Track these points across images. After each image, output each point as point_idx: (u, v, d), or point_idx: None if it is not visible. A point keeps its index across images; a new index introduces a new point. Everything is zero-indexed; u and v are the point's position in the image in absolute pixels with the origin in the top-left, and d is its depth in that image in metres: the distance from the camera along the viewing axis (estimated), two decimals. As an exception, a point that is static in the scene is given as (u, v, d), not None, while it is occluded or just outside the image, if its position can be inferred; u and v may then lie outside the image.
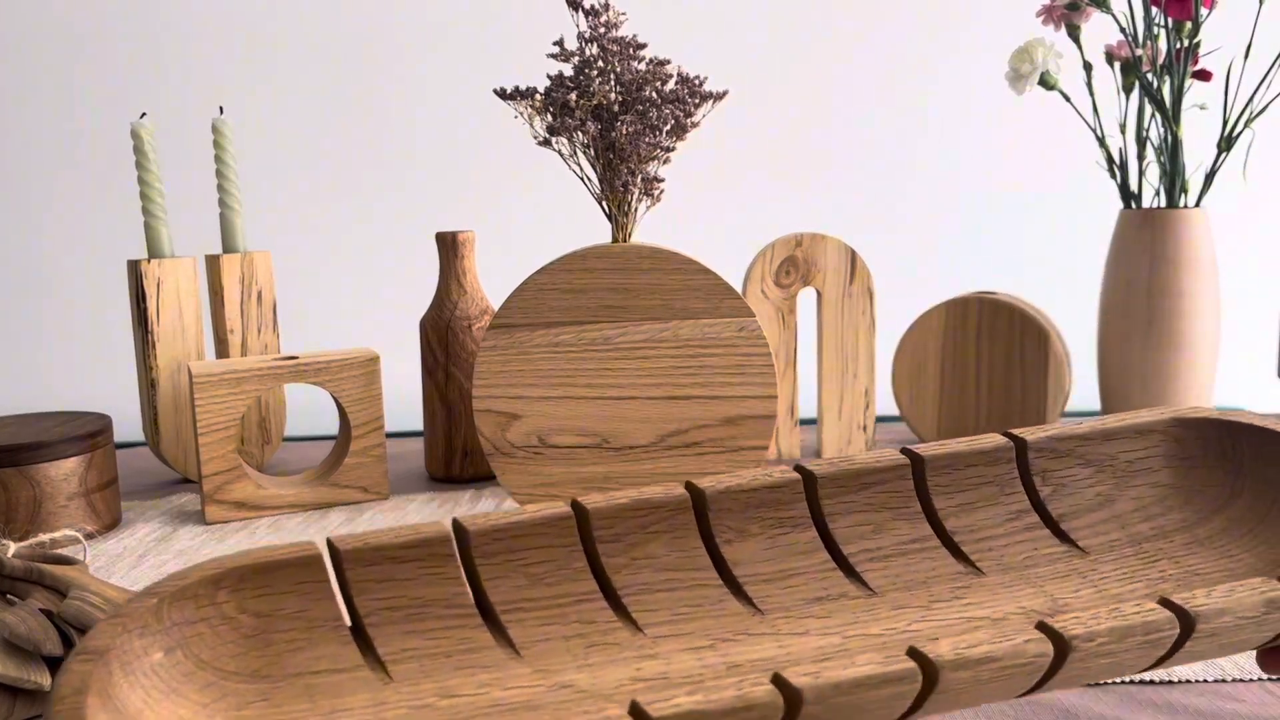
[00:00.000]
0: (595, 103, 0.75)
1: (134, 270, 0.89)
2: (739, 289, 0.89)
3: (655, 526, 0.41)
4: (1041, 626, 0.34)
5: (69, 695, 0.31)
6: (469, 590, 0.39)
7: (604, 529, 0.40)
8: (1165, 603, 0.35)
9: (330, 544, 0.38)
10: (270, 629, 0.37)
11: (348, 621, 0.38)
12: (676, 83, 0.77)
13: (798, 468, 0.43)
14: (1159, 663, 0.37)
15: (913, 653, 0.32)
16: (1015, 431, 0.46)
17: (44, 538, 0.68)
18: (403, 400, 1.07)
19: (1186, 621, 0.35)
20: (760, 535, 0.42)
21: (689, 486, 0.41)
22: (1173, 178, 0.92)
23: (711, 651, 0.39)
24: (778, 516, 0.42)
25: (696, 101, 0.77)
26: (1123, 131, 0.95)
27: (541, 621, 0.39)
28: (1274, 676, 0.42)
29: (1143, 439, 0.47)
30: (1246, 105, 0.90)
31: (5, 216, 1.37)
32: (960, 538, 0.44)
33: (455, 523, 0.39)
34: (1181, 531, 0.46)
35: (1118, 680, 0.53)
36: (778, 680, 0.31)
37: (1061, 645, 0.34)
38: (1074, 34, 0.96)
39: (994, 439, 0.45)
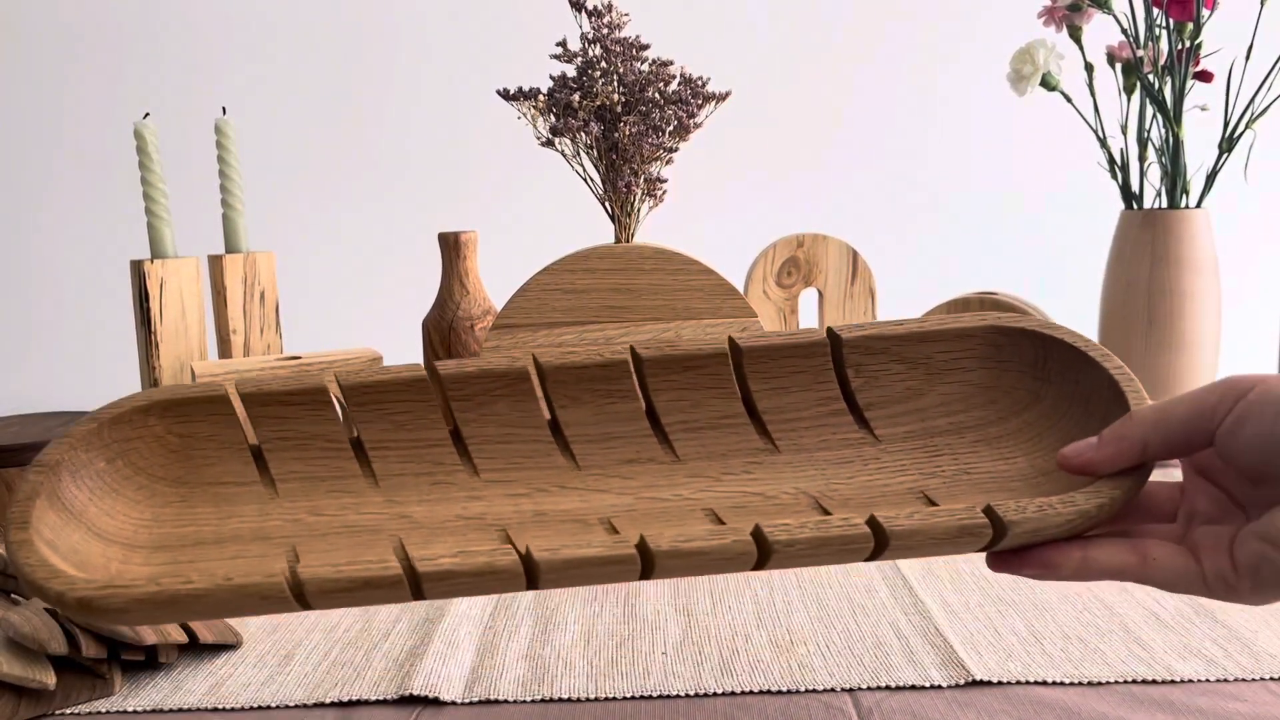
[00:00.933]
0: (598, 103, 0.76)
1: (137, 270, 0.90)
2: (741, 289, 0.89)
3: (500, 390, 0.48)
4: (755, 532, 0.39)
5: (22, 500, 0.40)
6: (343, 428, 0.47)
7: (456, 390, 0.47)
8: (869, 521, 0.39)
9: (235, 385, 0.46)
10: (190, 446, 0.46)
11: (251, 442, 0.47)
12: (679, 84, 0.77)
13: (631, 349, 0.48)
14: (868, 559, 0.41)
15: (640, 544, 0.38)
16: (835, 328, 0.49)
17: (48, 537, 0.68)
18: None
19: (881, 538, 0.39)
20: (591, 403, 0.48)
21: (534, 359, 0.48)
22: (1174, 178, 0.92)
23: (527, 500, 0.46)
24: (608, 389, 0.48)
25: (699, 102, 0.77)
26: (1124, 132, 0.95)
27: (400, 459, 0.47)
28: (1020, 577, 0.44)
29: (960, 341, 0.49)
30: (1248, 106, 0.90)
31: (8, 216, 1.37)
32: (769, 417, 0.49)
33: (336, 375, 0.47)
34: (975, 429, 0.49)
35: (1118, 680, 0.53)
36: (525, 556, 0.38)
37: (765, 548, 0.39)
38: (1075, 35, 0.96)
39: (813, 334, 0.49)
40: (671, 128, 0.76)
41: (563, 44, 0.77)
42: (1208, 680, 0.53)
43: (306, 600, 0.38)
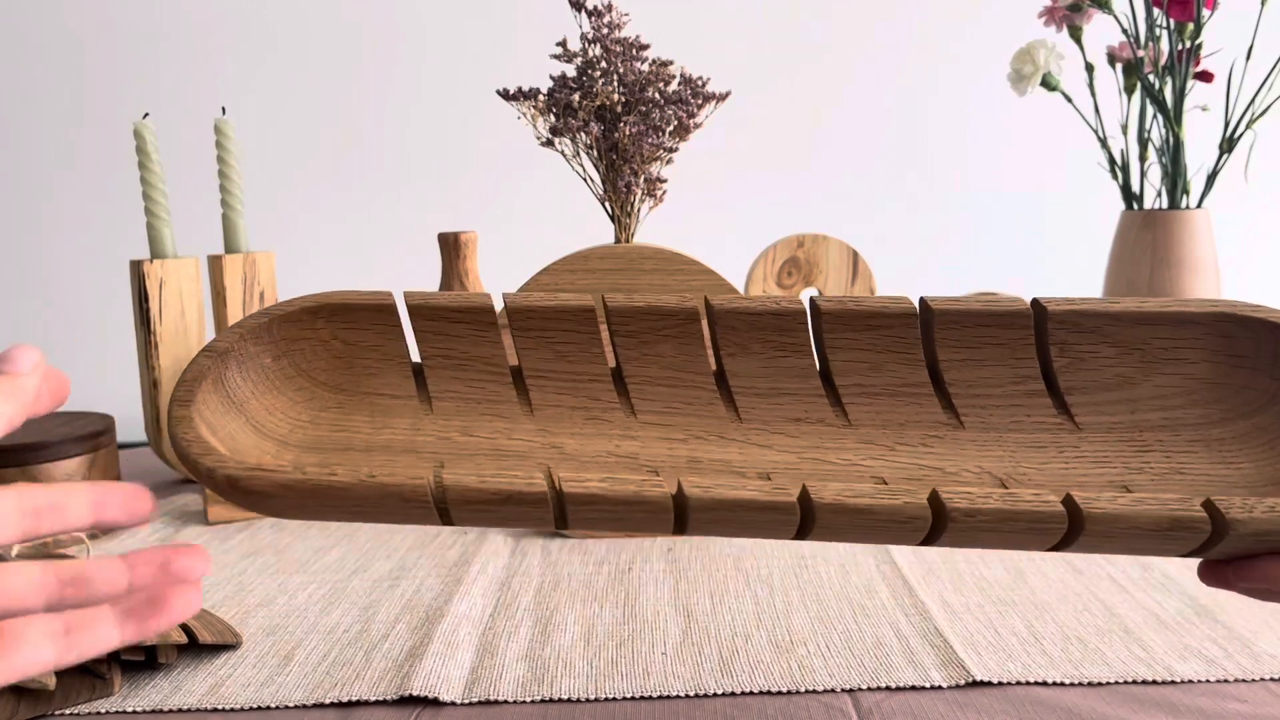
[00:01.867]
0: (598, 103, 0.75)
1: (136, 270, 0.90)
2: (741, 289, 0.89)
3: (667, 330, 0.45)
4: (932, 497, 0.36)
5: (188, 381, 0.41)
6: (505, 353, 0.46)
7: (621, 325, 0.45)
8: (1065, 501, 0.36)
9: (404, 295, 0.46)
10: (354, 355, 0.46)
11: (415, 358, 0.46)
12: (679, 83, 0.77)
13: (810, 301, 0.45)
14: (1055, 548, 0.38)
15: (801, 495, 0.36)
16: (1043, 299, 0.44)
17: (47, 537, 0.68)
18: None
19: (1077, 521, 0.36)
20: (762, 354, 0.45)
21: (705, 300, 0.45)
22: (1174, 179, 0.92)
23: (683, 445, 0.44)
24: (781, 340, 0.45)
25: (699, 102, 0.77)
26: (1124, 133, 0.95)
27: (558, 390, 0.45)
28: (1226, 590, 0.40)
29: (1183, 329, 0.44)
30: (1248, 106, 0.90)
31: (8, 217, 1.37)
32: (955, 390, 0.45)
33: (504, 297, 0.45)
34: (1193, 428, 0.44)
35: (1118, 680, 0.53)
36: (677, 492, 0.36)
37: (941, 515, 0.36)
38: (1076, 35, 0.96)
39: (1014, 303, 0.44)
40: (671, 128, 0.76)
41: (563, 44, 0.77)
42: (1208, 681, 0.53)
43: (448, 510, 0.37)
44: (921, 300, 0.45)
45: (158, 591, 0.35)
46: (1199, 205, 0.92)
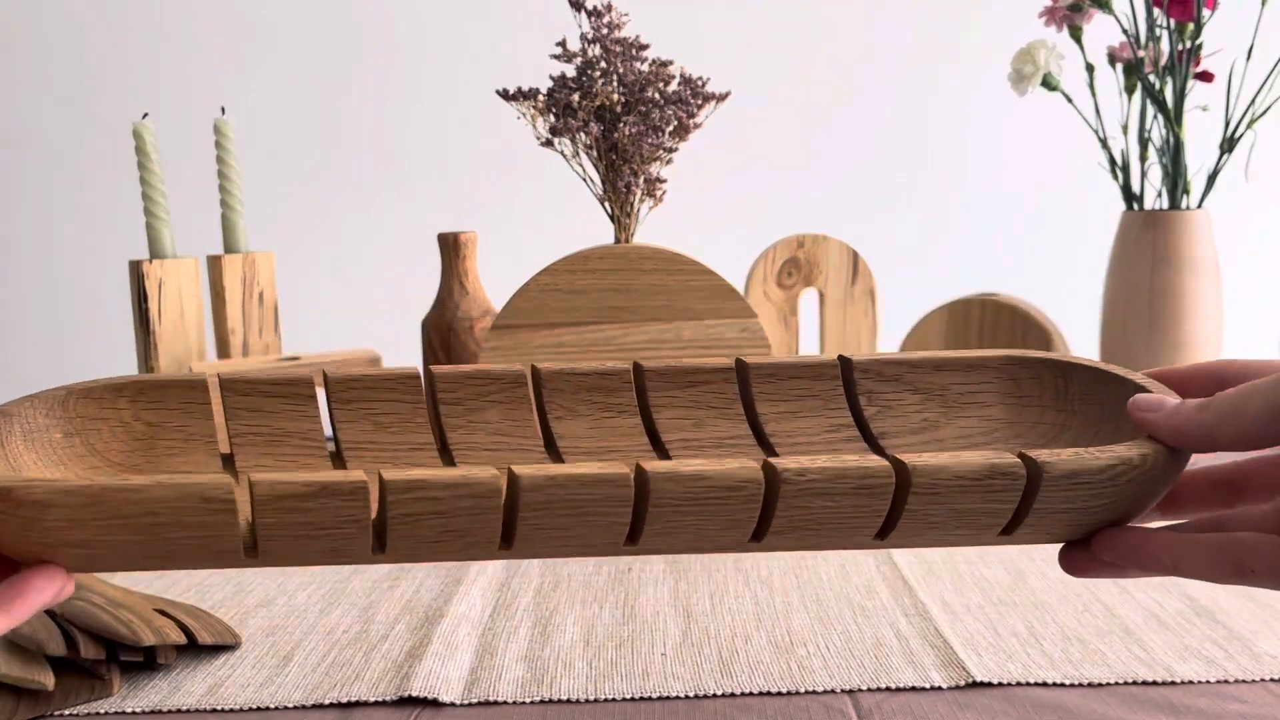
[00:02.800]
0: (598, 104, 0.75)
1: (135, 271, 0.89)
2: (741, 290, 0.89)
3: (494, 396, 0.45)
4: (765, 465, 0.36)
5: None
6: (323, 427, 0.44)
7: (447, 392, 0.45)
8: (892, 459, 0.37)
9: (218, 376, 0.45)
10: (156, 436, 0.44)
11: (222, 441, 0.44)
12: (679, 84, 0.77)
13: (634, 363, 0.46)
14: (888, 525, 0.38)
15: (636, 468, 0.36)
16: (846, 354, 0.47)
17: None
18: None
19: (904, 477, 0.37)
20: (589, 416, 0.46)
21: (532, 368, 0.46)
22: (1175, 179, 0.92)
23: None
24: (607, 401, 0.46)
25: (699, 102, 0.77)
26: (1125, 133, 0.95)
27: (379, 463, 0.43)
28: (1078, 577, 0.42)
29: (975, 373, 0.47)
30: (1249, 107, 0.90)
31: (7, 217, 1.37)
32: (777, 440, 0.46)
33: (323, 373, 0.45)
34: None
35: (1118, 681, 0.53)
36: (510, 473, 0.35)
37: (774, 481, 0.36)
38: (1076, 35, 0.96)
39: (822, 357, 0.47)
40: (671, 128, 0.76)
41: (562, 44, 0.77)
42: (1208, 681, 0.53)
43: (254, 509, 0.34)
44: (738, 360, 0.47)
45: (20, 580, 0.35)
46: (1199, 205, 0.92)
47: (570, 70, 0.77)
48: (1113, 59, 0.97)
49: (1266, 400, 0.36)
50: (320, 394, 0.45)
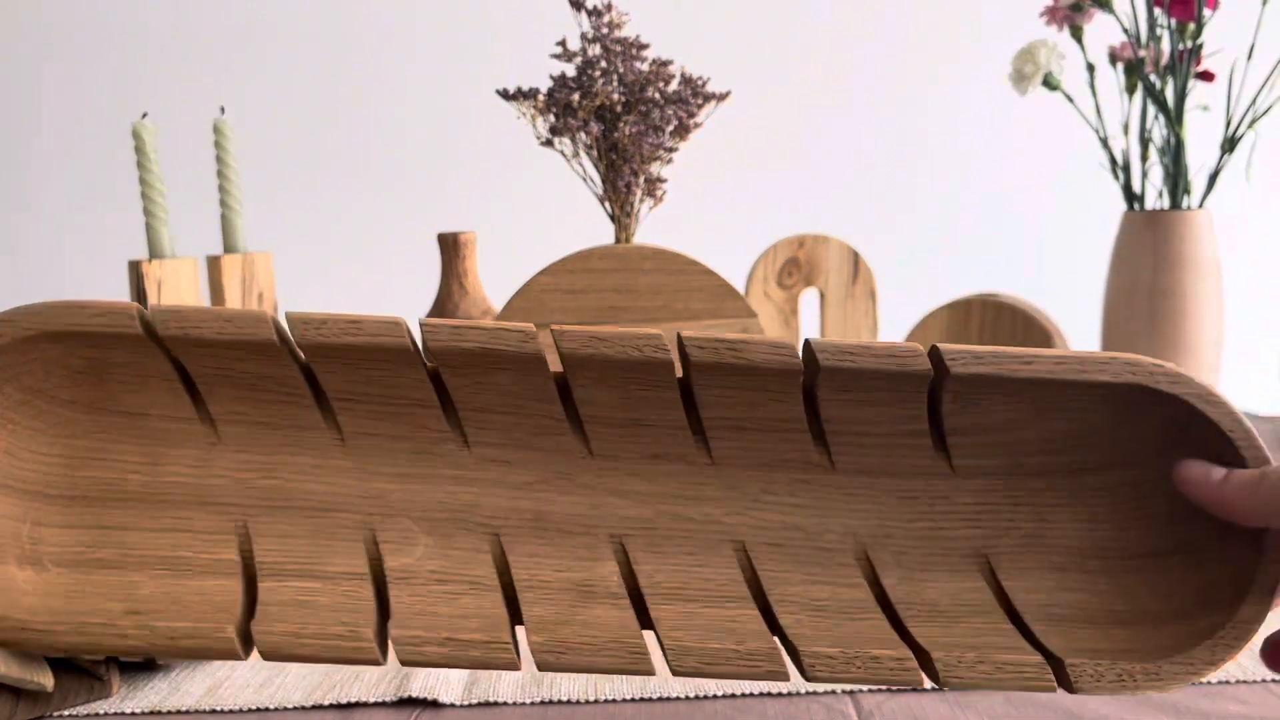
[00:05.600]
0: (598, 103, 0.75)
1: (135, 271, 0.89)
2: (742, 290, 0.89)
3: (505, 363, 0.37)
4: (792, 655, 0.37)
5: None
6: (300, 374, 0.37)
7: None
8: (924, 664, 0.36)
9: (154, 316, 0.35)
10: (102, 370, 0.36)
11: (177, 377, 0.37)
12: (679, 83, 0.77)
13: (680, 343, 0.39)
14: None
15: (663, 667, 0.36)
16: (947, 354, 0.38)
17: (46, 538, 0.68)
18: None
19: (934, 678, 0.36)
20: (618, 387, 0.38)
21: (555, 339, 0.38)
22: (1176, 179, 0.91)
23: (526, 494, 0.38)
24: (642, 377, 0.38)
25: (699, 102, 0.77)
26: (1126, 133, 0.95)
27: (372, 417, 0.37)
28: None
29: (1090, 391, 0.39)
30: (1250, 106, 0.90)
31: (6, 217, 1.37)
32: (831, 427, 0.40)
33: (287, 315, 0.36)
34: (1068, 475, 0.40)
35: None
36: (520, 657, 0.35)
37: (798, 663, 0.37)
38: (1077, 35, 0.96)
39: (916, 358, 0.38)
40: (671, 128, 0.76)
41: (562, 44, 0.77)
42: (1209, 682, 0.53)
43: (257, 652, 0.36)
44: (807, 346, 0.38)
45: None
46: (1200, 205, 0.92)
47: (570, 70, 0.77)
48: (1114, 59, 0.97)
49: None
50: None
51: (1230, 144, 0.91)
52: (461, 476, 0.38)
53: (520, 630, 0.38)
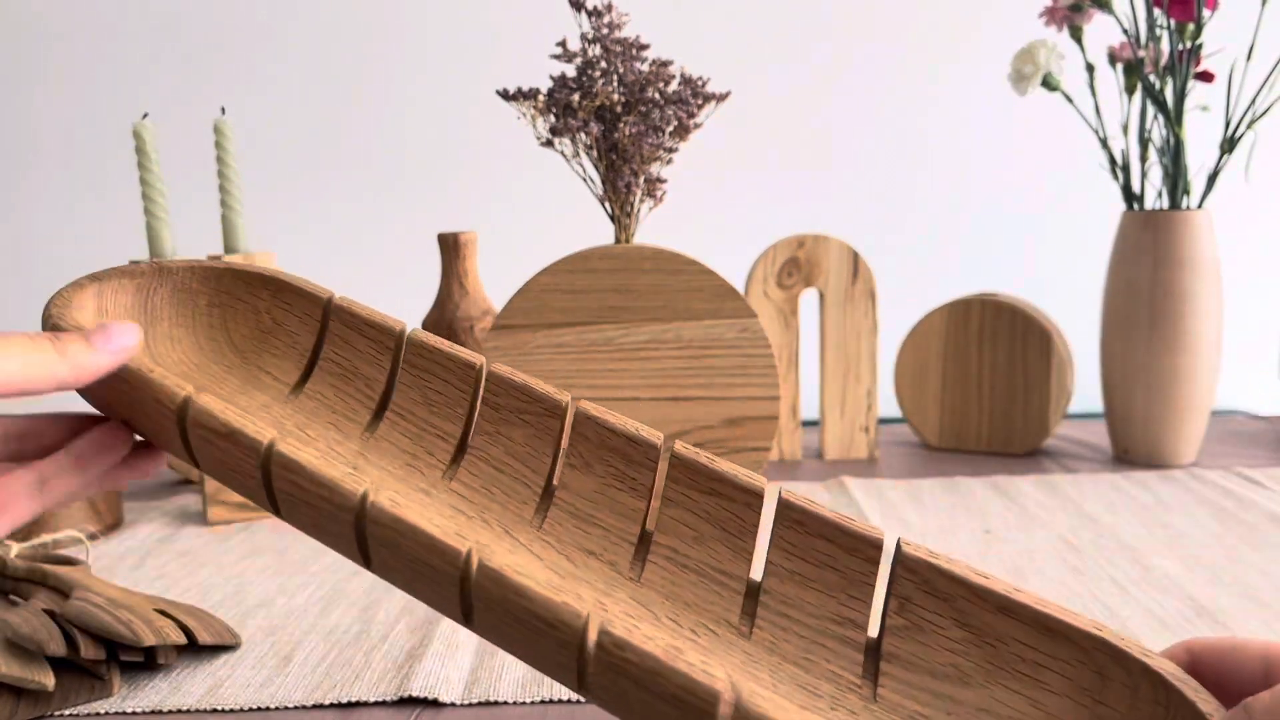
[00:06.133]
0: (598, 104, 0.75)
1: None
2: (741, 290, 0.89)
3: (527, 414, 0.42)
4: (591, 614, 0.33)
5: (119, 269, 0.44)
6: (384, 382, 0.44)
7: (491, 394, 0.43)
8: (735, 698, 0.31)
9: (336, 298, 0.46)
10: (274, 333, 0.46)
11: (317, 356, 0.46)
12: (679, 83, 0.77)
13: (668, 446, 0.40)
14: None
15: (467, 557, 0.34)
16: (906, 543, 0.37)
17: (46, 538, 0.68)
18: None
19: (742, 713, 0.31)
20: (600, 477, 0.41)
21: (571, 400, 0.42)
22: (1175, 179, 0.91)
23: (462, 518, 0.40)
24: (623, 471, 0.40)
25: (699, 102, 0.77)
26: (1125, 133, 0.95)
27: (404, 433, 0.43)
28: None
29: (1052, 640, 0.35)
30: (1249, 107, 0.90)
31: (7, 217, 1.37)
32: (766, 598, 0.38)
33: (403, 331, 0.45)
34: None
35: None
36: (365, 493, 0.36)
37: (584, 640, 0.33)
38: (1076, 35, 0.96)
39: (869, 530, 0.37)
40: (671, 128, 0.76)
41: (563, 44, 0.77)
42: (1209, 682, 0.53)
43: (186, 432, 0.38)
44: (779, 494, 0.38)
45: (103, 437, 0.40)
46: (1200, 206, 0.92)
47: (570, 70, 0.77)
48: (1113, 59, 0.97)
49: None
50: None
51: (1230, 144, 0.91)
52: (426, 489, 0.41)
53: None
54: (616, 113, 0.76)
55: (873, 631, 0.37)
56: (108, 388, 0.39)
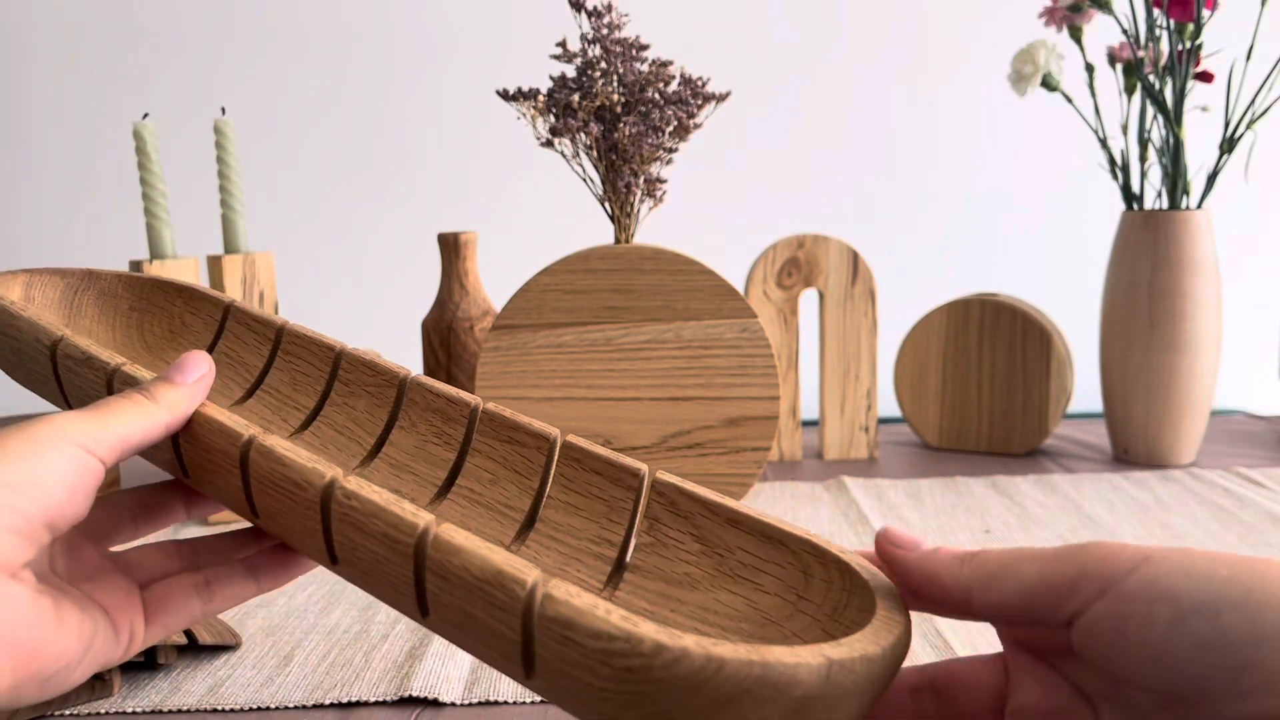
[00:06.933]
0: (598, 104, 0.75)
1: (136, 271, 0.89)
2: (741, 290, 0.89)
3: (370, 386, 0.47)
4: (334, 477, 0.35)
5: (58, 268, 0.49)
6: (260, 366, 0.49)
7: (345, 372, 0.47)
8: (432, 521, 0.33)
9: (285, 324, 0.50)
10: (184, 333, 0.51)
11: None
12: (679, 84, 0.77)
13: (475, 403, 0.44)
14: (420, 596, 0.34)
15: (327, 483, 0.35)
16: (658, 470, 0.41)
17: (47, 538, 0.68)
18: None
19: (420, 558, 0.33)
20: (422, 435, 0.45)
21: (405, 372, 0.46)
22: (1174, 179, 0.92)
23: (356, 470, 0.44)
24: (442, 429, 0.45)
25: (699, 103, 0.77)
26: (1125, 133, 0.95)
27: (265, 405, 0.48)
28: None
29: (769, 546, 0.38)
30: (1249, 107, 0.90)
31: (7, 217, 1.37)
32: (540, 525, 0.42)
33: (284, 325, 0.49)
34: None
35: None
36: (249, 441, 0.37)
37: (330, 488, 0.35)
38: (1076, 35, 0.96)
39: (629, 461, 0.42)
40: (671, 128, 0.76)
41: (562, 44, 0.77)
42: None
43: (55, 365, 0.41)
44: (555, 432, 0.43)
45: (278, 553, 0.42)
46: (1199, 206, 0.92)
47: (570, 70, 0.77)
48: (1113, 59, 0.97)
49: (1042, 572, 0.31)
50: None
51: (1229, 144, 0.91)
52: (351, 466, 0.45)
53: None
54: (616, 113, 0.76)
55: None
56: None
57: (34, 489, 0.32)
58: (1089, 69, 0.96)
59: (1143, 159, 0.94)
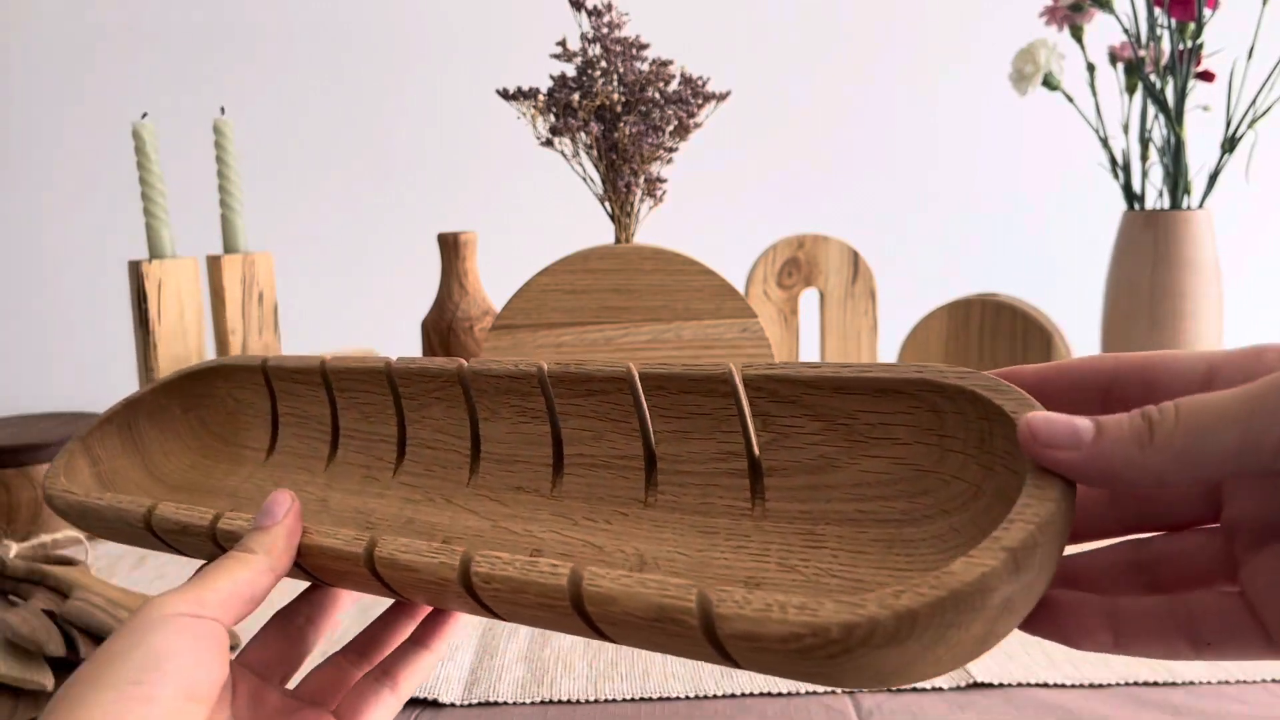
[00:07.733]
0: (598, 103, 0.75)
1: (135, 271, 0.89)
2: (741, 290, 0.89)
3: (436, 392, 0.46)
4: (464, 558, 0.35)
5: (96, 421, 0.50)
6: (328, 416, 0.50)
7: (404, 386, 0.47)
8: (571, 576, 0.32)
9: (265, 360, 0.51)
10: (240, 410, 0.52)
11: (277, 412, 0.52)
12: (679, 83, 0.77)
13: (539, 366, 0.44)
14: (586, 630, 0.33)
15: (369, 545, 0.37)
16: (743, 365, 0.39)
17: (46, 539, 0.68)
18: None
19: (578, 596, 0.32)
20: (509, 419, 0.45)
21: (459, 364, 0.46)
22: (1176, 179, 0.91)
23: (410, 506, 0.45)
24: (523, 405, 0.44)
25: (699, 102, 0.77)
26: (1126, 132, 0.95)
27: (356, 449, 0.49)
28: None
29: (887, 399, 0.36)
30: (1250, 106, 0.90)
31: (6, 217, 1.37)
32: (663, 465, 0.41)
33: (323, 359, 0.50)
34: (882, 525, 0.36)
35: (1119, 682, 0.53)
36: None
37: (467, 577, 0.35)
38: (1077, 35, 0.96)
39: (712, 368, 0.40)
40: (671, 127, 0.76)
41: (563, 43, 0.77)
42: (1209, 682, 0.53)
43: (156, 534, 0.42)
44: (627, 367, 0.41)
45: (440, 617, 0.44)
46: (1200, 205, 0.92)
47: (570, 70, 0.77)
48: (1114, 59, 0.97)
49: (1248, 432, 0.26)
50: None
51: (1230, 144, 0.91)
52: (380, 493, 0.46)
53: None
54: (616, 112, 0.76)
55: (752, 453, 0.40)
56: (102, 526, 0.44)
57: (153, 673, 0.33)
58: (1090, 68, 0.95)
59: (1144, 158, 0.94)
